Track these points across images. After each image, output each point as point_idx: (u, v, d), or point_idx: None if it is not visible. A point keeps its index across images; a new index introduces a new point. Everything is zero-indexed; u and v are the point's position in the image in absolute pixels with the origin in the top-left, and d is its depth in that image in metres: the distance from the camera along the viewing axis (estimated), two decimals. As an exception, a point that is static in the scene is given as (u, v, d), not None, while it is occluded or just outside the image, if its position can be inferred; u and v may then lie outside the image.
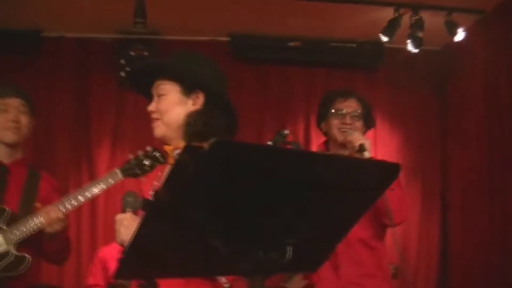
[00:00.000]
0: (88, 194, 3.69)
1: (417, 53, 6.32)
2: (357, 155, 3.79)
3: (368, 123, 4.16)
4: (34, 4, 6.02)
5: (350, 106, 4.06)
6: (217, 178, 1.52)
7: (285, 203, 1.66)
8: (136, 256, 1.66)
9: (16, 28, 6.55)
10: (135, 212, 2.59)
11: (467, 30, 6.23)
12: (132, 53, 6.67)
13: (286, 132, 3.78)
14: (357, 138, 3.85)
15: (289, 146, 3.77)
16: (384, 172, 1.79)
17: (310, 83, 7.24)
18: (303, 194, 1.67)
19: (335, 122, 4.04)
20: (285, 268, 1.75)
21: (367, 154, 3.75)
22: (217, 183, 1.53)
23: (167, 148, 2.71)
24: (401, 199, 3.90)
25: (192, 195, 1.55)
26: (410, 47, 6.20)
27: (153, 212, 1.62)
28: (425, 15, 6.06)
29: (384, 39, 6.15)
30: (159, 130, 2.69)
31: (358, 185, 1.74)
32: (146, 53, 6.68)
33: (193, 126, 2.63)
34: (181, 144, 2.62)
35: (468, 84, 6.71)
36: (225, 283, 2.43)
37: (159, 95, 2.67)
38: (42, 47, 6.79)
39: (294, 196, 1.66)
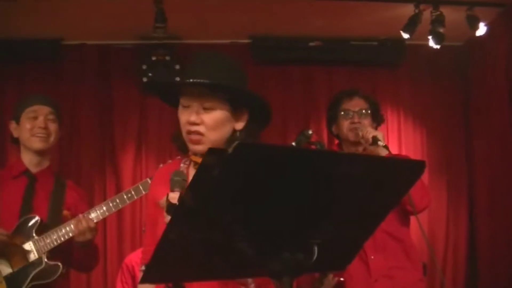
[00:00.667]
0: (119, 203, 3.74)
1: (439, 49, 6.27)
2: (372, 148, 3.85)
3: (377, 119, 4.24)
4: (54, 13, 6.06)
5: (357, 105, 4.16)
6: (241, 180, 1.52)
7: (310, 203, 1.66)
8: (163, 260, 1.66)
9: (38, 37, 6.60)
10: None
11: (488, 24, 6.18)
12: (154, 58, 6.70)
13: (310, 132, 3.79)
14: (369, 131, 3.93)
15: (313, 146, 3.77)
16: (410, 170, 1.78)
17: (333, 82, 7.21)
18: (328, 194, 1.66)
19: (345, 123, 4.13)
20: (313, 268, 1.74)
21: (381, 144, 3.80)
22: (242, 185, 1.53)
23: (198, 160, 2.57)
24: (421, 185, 3.92)
25: (217, 198, 1.55)
26: (432, 43, 6.16)
27: (178, 216, 1.63)
28: (446, 11, 6.01)
29: (405, 36, 6.12)
30: (204, 146, 2.49)
31: (384, 183, 1.73)
32: (167, 58, 6.71)
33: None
34: None
35: (491, 78, 6.65)
36: (251, 283, 2.43)
37: (205, 108, 2.49)
38: (64, 55, 6.84)
39: (319, 196, 1.66)
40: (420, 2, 5.99)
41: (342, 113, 4.14)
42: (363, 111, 4.12)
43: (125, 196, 3.76)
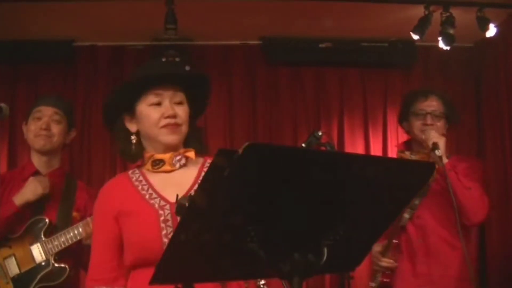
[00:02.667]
0: None
1: (450, 50, 6.25)
2: (432, 154, 3.83)
3: (452, 120, 4.19)
4: (66, 15, 6.08)
5: (431, 106, 4.10)
6: (251, 182, 1.52)
7: (320, 205, 1.66)
8: (173, 261, 1.67)
9: (50, 39, 6.62)
10: None
11: (499, 25, 6.15)
12: (164, 60, 6.69)
13: (320, 133, 3.78)
14: (432, 136, 3.90)
15: (323, 148, 3.77)
16: (419, 172, 1.78)
17: (343, 83, 7.21)
18: (338, 195, 1.67)
19: (416, 123, 4.09)
20: (323, 269, 1.74)
21: (438, 153, 3.77)
22: (252, 187, 1.54)
23: (164, 156, 2.62)
24: (478, 198, 3.90)
25: (227, 199, 1.55)
26: (442, 44, 6.14)
27: (188, 217, 1.63)
28: (456, 12, 5.99)
29: (415, 37, 6.09)
30: (179, 137, 2.63)
31: (394, 185, 1.73)
32: (177, 59, 6.71)
33: (198, 138, 2.75)
34: (177, 152, 2.64)
35: (502, 79, 6.62)
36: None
37: (178, 103, 2.63)
38: (75, 56, 6.86)
39: (329, 197, 1.66)
40: (430, 4, 5.97)
41: (415, 112, 4.11)
42: (437, 112, 4.09)
43: None
